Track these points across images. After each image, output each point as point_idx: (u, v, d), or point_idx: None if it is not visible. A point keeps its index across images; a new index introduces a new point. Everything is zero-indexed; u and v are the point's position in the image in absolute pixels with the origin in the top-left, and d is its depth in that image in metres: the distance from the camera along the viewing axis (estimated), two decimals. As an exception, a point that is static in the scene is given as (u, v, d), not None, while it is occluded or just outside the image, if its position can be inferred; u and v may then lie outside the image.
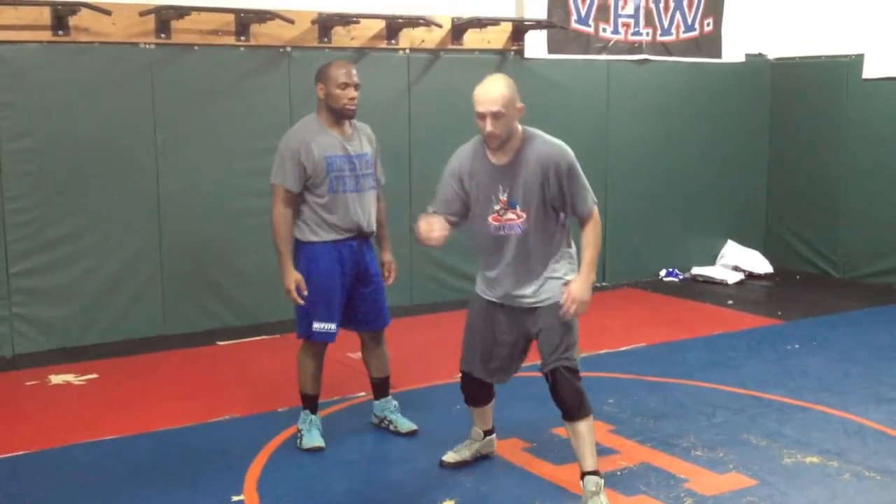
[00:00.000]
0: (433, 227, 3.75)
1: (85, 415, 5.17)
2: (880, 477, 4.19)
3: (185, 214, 6.83)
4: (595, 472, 3.87)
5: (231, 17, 6.79)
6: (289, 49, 7.08)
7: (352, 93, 4.41)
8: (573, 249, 4.01)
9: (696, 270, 9.10)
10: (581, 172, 3.85)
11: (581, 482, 3.88)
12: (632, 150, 8.77)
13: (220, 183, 6.94)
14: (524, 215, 3.81)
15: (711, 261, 9.29)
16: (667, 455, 4.46)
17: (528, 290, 3.90)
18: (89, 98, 6.45)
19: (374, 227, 4.62)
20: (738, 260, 9.17)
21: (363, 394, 5.38)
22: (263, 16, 6.77)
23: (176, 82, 6.72)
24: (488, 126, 3.71)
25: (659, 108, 8.87)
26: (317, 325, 4.49)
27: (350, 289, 4.57)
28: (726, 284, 8.79)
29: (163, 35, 6.59)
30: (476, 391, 4.22)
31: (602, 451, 4.30)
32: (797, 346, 6.46)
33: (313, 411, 4.68)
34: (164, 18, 6.53)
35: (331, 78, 4.41)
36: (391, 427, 4.80)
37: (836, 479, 4.17)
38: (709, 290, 8.59)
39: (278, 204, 4.49)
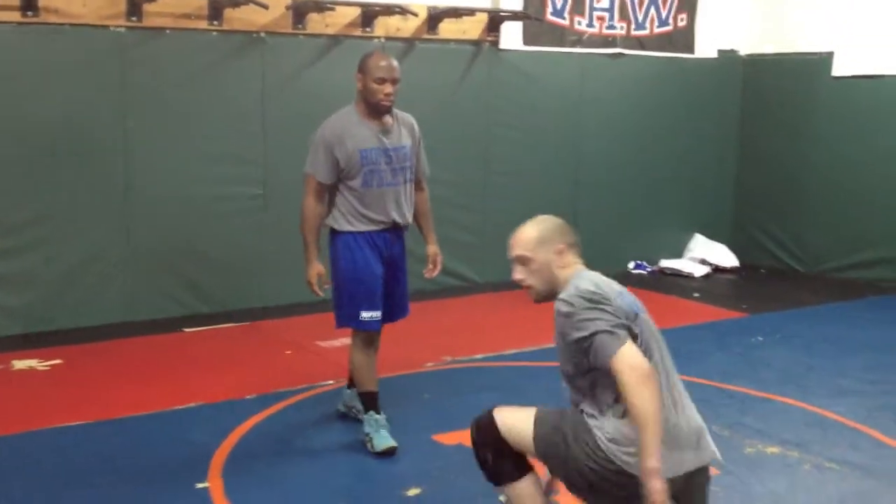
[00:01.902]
0: None
1: (49, 401, 5.13)
2: (839, 468, 4.25)
3: (154, 200, 6.78)
4: None
5: (204, 0, 6.73)
6: (262, 35, 7.04)
7: (388, 88, 4.31)
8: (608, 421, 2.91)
9: (664, 263, 9.17)
10: (582, 315, 2.83)
11: None
12: (603, 143, 8.81)
13: (190, 169, 6.89)
14: (563, 382, 3.08)
15: (679, 254, 9.36)
16: (631, 445, 4.50)
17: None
18: (58, 80, 6.37)
19: (409, 220, 4.51)
20: (705, 253, 9.26)
21: (331, 382, 5.38)
22: (237, 0, 6.72)
23: (147, 66, 6.65)
24: (515, 274, 3.07)
25: (631, 102, 8.92)
26: (364, 315, 4.34)
27: (384, 280, 4.46)
28: (693, 277, 8.88)
29: (134, 18, 6.52)
30: None
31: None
32: (761, 339, 6.54)
33: (377, 411, 4.42)
34: (136, 1, 6.46)
35: (369, 70, 4.30)
36: (359, 416, 4.71)
37: (796, 470, 4.24)
38: (676, 282, 8.66)
39: (310, 195, 4.40)
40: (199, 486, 3.99)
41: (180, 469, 4.17)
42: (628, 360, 2.74)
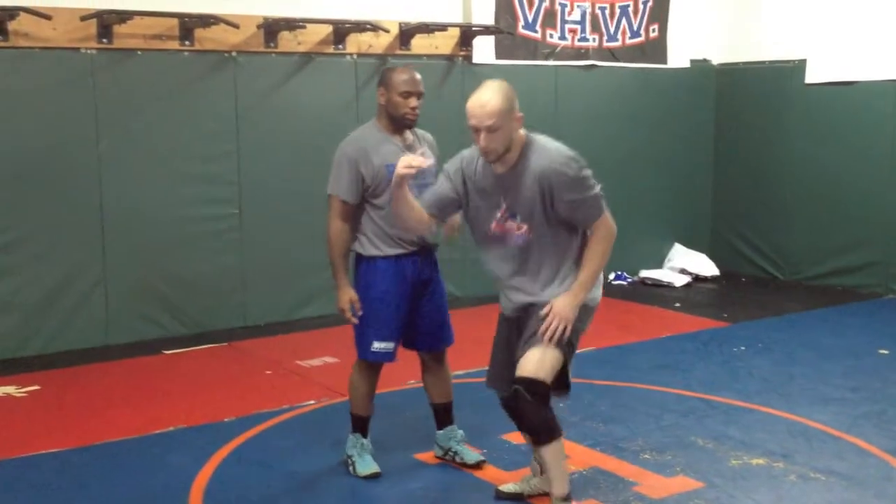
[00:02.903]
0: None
1: (26, 427, 5.05)
2: (825, 477, 4.24)
3: (129, 222, 6.72)
4: (564, 498, 3.62)
5: (175, 21, 6.69)
6: (234, 54, 7.00)
7: (414, 102, 4.22)
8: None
9: (644, 273, 9.18)
10: (586, 180, 3.56)
11: None
12: (580, 154, 8.79)
13: (165, 190, 6.83)
14: (525, 226, 3.55)
15: (659, 264, 9.37)
16: (616, 459, 4.48)
17: (530, 298, 3.62)
18: (30, 104, 6.32)
19: (438, 240, 4.36)
20: (684, 263, 9.27)
21: (313, 402, 5.33)
22: (208, 20, 6.68)
23: (119, 88, 6.60)
24: (482, 141, 3.47)
25: (606, 114, 8.93)
26: (376, 345, 4.18)
27: (412, 306, 4.27)
28: (674, 287, 8.88)
29: (105, 40, 6.47)
30: (512, 411, 3.70)
31: (551, 457, 4.30)
32: (743, 348, 6.54)
33: (364, 434, 4.36)
34: (106, 23, 6.42)
35: (393, 85, 4.19)
36: (456, 459, 4.42)
37: (781, 481, 4.22)
38: (656, 293, 8.66)
39: (335, 217, 4.16)
40: (180, 512, 3.93)
41: (160, 495, 4.11)
42: (610, 219, 3.63)
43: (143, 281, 6.82)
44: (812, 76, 8.69)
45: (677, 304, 8.15)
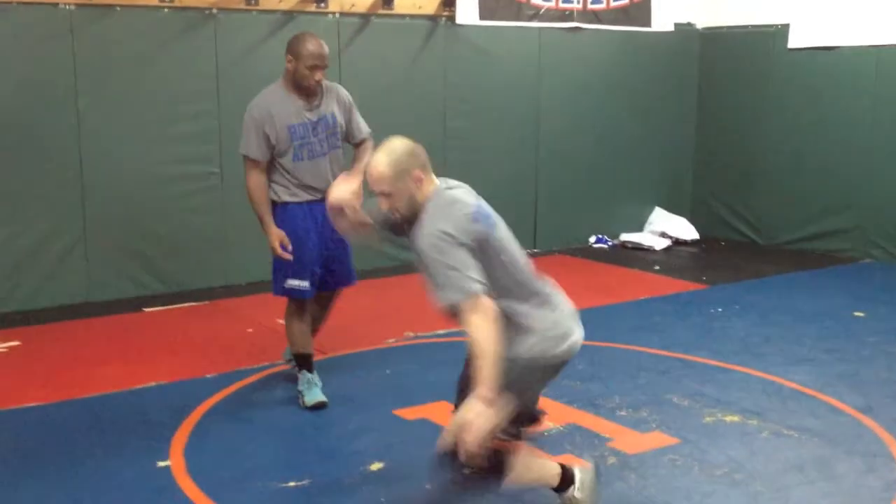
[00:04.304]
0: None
1: (7, 382, 5.05)
2: (797, 434, 4.32)
3: (109, 181, 6.68)
4: (558, 489, 3.41)
5: (155, -24, 6.63)
6: (214, 11, 6.94)
7: (319, 75, 4.48)
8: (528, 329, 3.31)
9: (624, 237, 9.22)
10: (444, 258, 3.09)
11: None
12: (562, 117, 8.82)
13: (145, 149, 6.80)
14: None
15: (639, 227, 9.42)
16: (592, 415, 4.54)
17: None
18: (6, 60, 6.26)
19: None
20: (665, 226, 9.32)
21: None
22: (188, -24, 6.63)
23: (97, 45, 6.54)
24: (381, 204, 3.31)
25: (589, 76, 8.92)
26: (290, 282, 4.58)
27: (325, 249, 4.65)
28: (654, 250, 8.93)
29: (84, -5, 6.41)
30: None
31: (529, 413, 4.35)
32: (720, 310, 6.61)
33: (310, 370, 4.71)
34: (86, -23, 6.36)
35: (302, 57, 4.44)
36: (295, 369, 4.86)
37: (754, 437, 4.29)
38: (637, 256, 8.72)
39: (250, 173, 4.55)
40: (161, 464, 3.96)
41: (141, 448, 4.13)
42: (480, 317, 3.07)
43: (123, 239, 6.80)
44: (795, 41, 8.70)
45: (657, 267, 8.21)
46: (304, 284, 4.60)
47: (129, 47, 6.66)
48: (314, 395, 4.63)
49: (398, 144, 3.29)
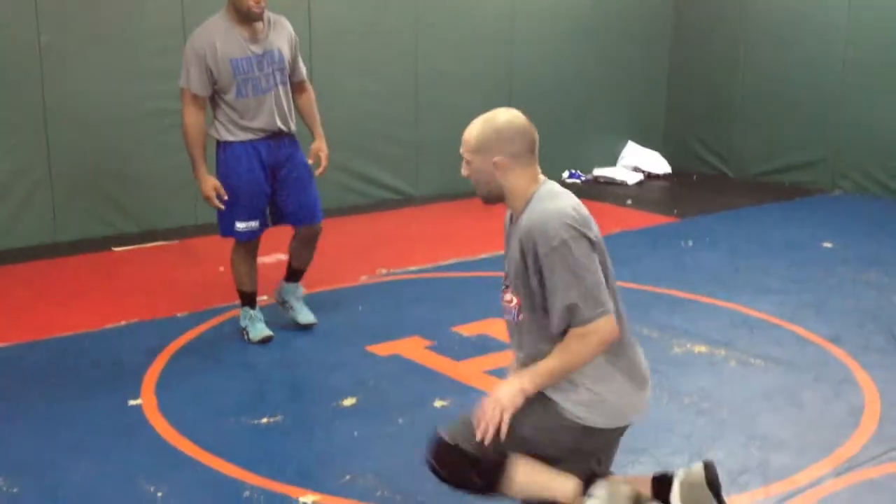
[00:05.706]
0: None
1: (-26, 324, 5.02)
2: (763, 363, 4.38)
3: (74, 119, 6.57)
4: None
5: None
6: (178, -57, 6.78)
7: (260, 0, 4.27)
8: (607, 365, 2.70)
9: (597, 171, 9.23)
10: (570, 259, 2.55)
11: None
12: (537, 51, 8.74)
13: (110, 85, 6.67)
14: (514, 300, 2.72)
15: (612, 162, 9.42)
16: (563, 348, 4.56)
17: None
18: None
19: (291, 125, 4.55)
20: (637, 161, 9.33)
21: (265, 297, 5.33)
22: None
23: (58, -22, 6.38)
24: (462, 170, 2.81)
25: (565, 10, 8.84)
26: (239, 225, 4.50)
27: (274, 185, 4.55)
28: (626, 185, 8.95)
29: (42, -74, 6.23)
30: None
31: (499, 347, 4.38)
32: (691, 243, 6.65)
33: (252, 306, 4.71)
34: None
35: None
36: (290, 312, 4.84)
37: (722, 367, 4.35)
38: (610, 190, 8.74)
39: (188, 108, 4.36)
40: (132, 403, 3.95)
41: (112, 387, 4.12)
42: (605, 328, 2.59)
43: (90, 178, 6.71)
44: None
45: (629, 201, 8.23)
46: (254, 225, 4.53)
47: (90, -19, 6.50)
48: (258, 329, 4.64)
49: (501, 119, 2.74)
